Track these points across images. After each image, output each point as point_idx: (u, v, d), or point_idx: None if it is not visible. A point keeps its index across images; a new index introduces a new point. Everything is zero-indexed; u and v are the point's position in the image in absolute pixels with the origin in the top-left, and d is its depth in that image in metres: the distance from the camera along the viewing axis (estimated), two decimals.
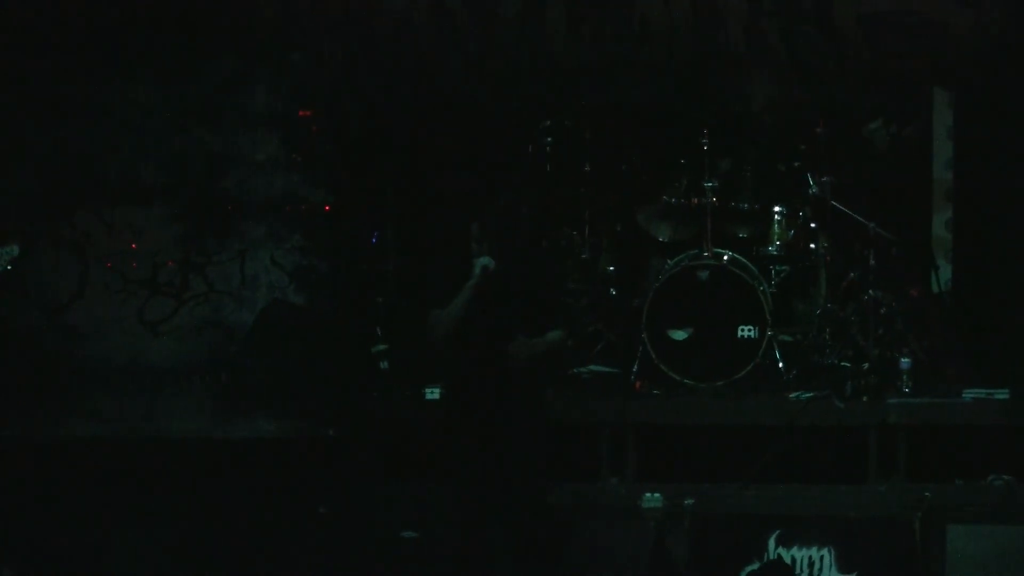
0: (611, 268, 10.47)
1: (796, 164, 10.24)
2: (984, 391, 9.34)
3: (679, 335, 9.71)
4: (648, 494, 8.52)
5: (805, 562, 8.33)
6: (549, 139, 10.38)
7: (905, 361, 9.53)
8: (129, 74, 9.54)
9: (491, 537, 7.24)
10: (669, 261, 9.99)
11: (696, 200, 9.98)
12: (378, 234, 10.35)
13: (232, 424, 9.37)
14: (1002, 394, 9.29)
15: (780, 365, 9.78)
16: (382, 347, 9.61)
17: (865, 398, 9.35)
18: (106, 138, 9.51)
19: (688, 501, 8.64)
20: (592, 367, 10.01)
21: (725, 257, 9.83)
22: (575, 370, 9.95)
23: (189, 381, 9.48)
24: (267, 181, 9.52)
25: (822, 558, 8.31)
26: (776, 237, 10.14)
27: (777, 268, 10.17)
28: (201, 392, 9.48)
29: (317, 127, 9.52)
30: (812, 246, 10.18)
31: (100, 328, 9.54)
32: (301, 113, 9.47)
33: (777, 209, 10.14)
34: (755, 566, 8.27)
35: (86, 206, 9.54)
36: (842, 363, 9.77)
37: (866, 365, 9.63)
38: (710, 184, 9.89)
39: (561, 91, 10.54)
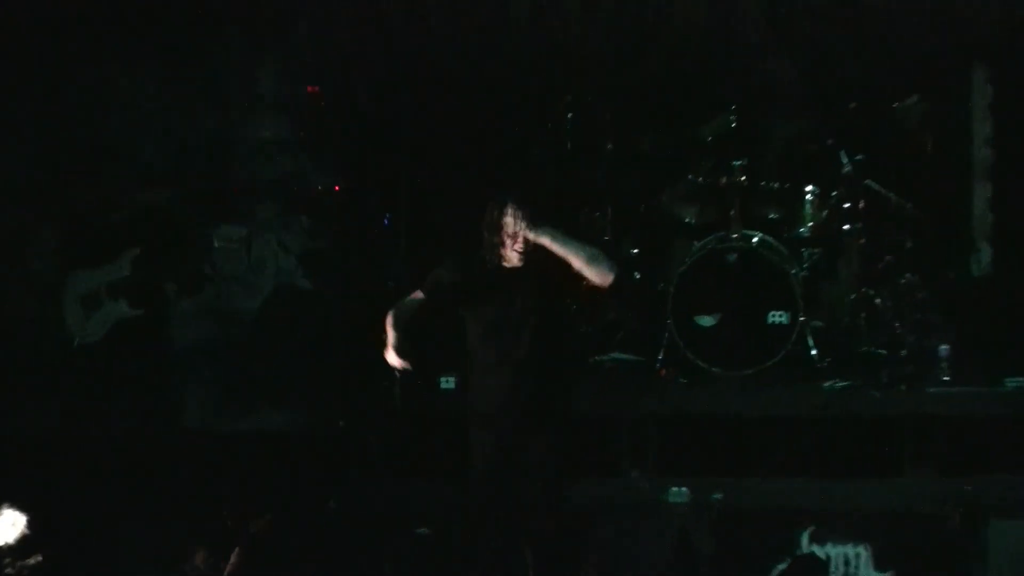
0: (634, 251, 10.28)
1: (828, 142, 10.01)
2: None
3: (706, 321, 9.58)
4: (674, 488, 8.66)
5: (840, 560, 8.21)
6: (569, 116, 10.20)
7: (943, 348, 9.43)
8: (132, 55, 9.48)
9: (507, 534, 7.04)
10: (696, 244, 9.85)
11: (724, 180, 9.85)
12: (390, 216, 10.13)
13: (238, 415, 9.32)
14: None
15: (812, 353, 9.62)
16: None
17: (902, 387, 9.24)
18: (109, 120, 9.45)
19: (716, 496, 8.58)
20: (614, 355, 9.88)
21: (754, 239, 9.72)
22: (596, 358, 9.83)
23: (193, 370, 9.40)
24: (274, 162, 9.43)
25: (858, 555, 8.20)
26: (808, 218, 9.95)
27: (809, 251, 10.00)
28: (205, 382, 9.40)
29: (326, 105, 9.44)
30: (845, 227, 9.98)
31: None
32: (309, 90, 9.38)
33: (808, 189, 9.93)
34: (787, 564, 8.13)
35: (89, 189, 9.45)
36: (877, 350, 9.65)
37: (903, 352, 9.53)
38: (738, 163, 9.77)
39: (582, 67, 10.39)
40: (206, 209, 9.44)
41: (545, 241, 6.78)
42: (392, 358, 6.70)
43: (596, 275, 6.79)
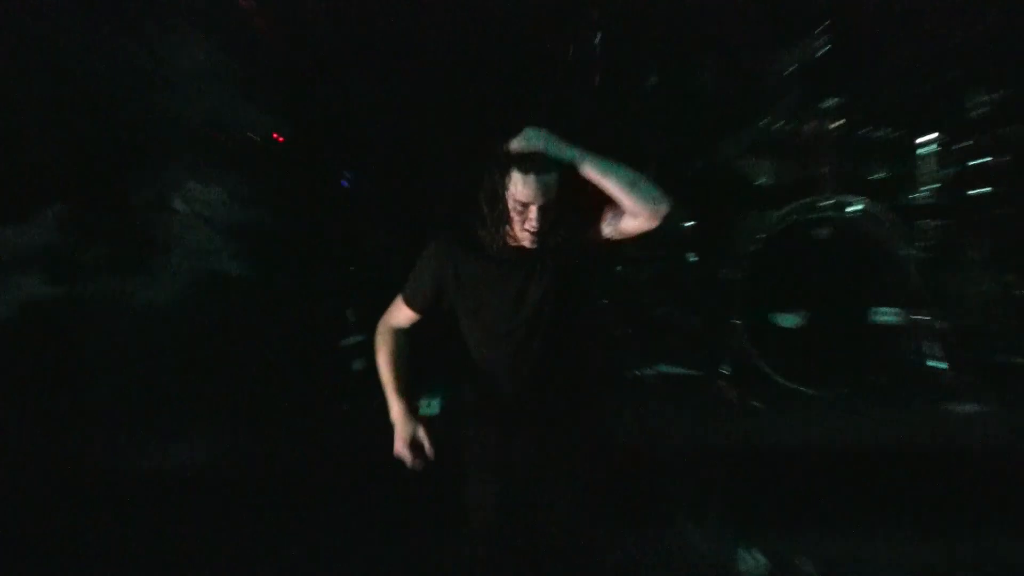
0: (689, 224, 9.16)
1: (954, 74, 8.95)
2: None
3: (788, 321, 8.58)
4: (745, 552, 7.61)
5: None
6: (598, 39, 9.03)
7: None
8: None
9: None
10: (773, 214, 8.72)
11: (811, 126, 8.87)
12: (351, 176, 9.11)
13: (147, 449, 8.00)
14: None
15: (934, 364, 8.53)
16: (356, 339, 8.49)
17: None
18: None
19: (805, 565, 7.41)
20: (662, 367, 8.86)
21: (853, 208, 8.58)
22: (637, 372, 8.83)
23: (86, 388, 8.18)
24: (193, 99, 8.42)
25: None
26: (926, 179, 8.89)
27: (928, 224, 8.88)
28: (103, 404, 8.16)
29: (266, 24, 8.41)
30: (978, 191, 8.90)
31: None
32: (243, 3, 8.34)
33: (927, 139, 8.88)
34: None
35: None
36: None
37: None
38: (831, 103, 8.75)
39: None
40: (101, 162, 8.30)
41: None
42: (403, 452, 6.04)
43: (641, 207, 6.02)
